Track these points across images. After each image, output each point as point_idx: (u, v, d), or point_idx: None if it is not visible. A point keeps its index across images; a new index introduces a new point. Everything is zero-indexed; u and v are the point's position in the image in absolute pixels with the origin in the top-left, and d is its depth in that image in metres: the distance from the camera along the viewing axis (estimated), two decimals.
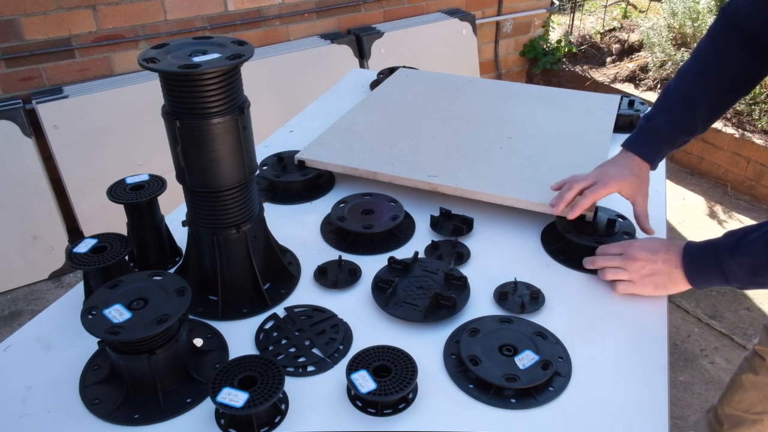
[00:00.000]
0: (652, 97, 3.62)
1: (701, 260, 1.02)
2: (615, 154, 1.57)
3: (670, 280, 1.04)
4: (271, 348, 0.99)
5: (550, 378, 0.91)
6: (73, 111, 2.52)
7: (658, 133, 1.22)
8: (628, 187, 1.18)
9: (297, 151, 1.48)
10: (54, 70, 2.62)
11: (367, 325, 1.04)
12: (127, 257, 1.07)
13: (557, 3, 4.28)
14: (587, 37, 4.38)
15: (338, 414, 0.87)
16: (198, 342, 0.98)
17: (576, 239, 1.18)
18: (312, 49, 3.07)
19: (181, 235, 1.18)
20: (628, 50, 4.19)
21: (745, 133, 3.20)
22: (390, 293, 1.06)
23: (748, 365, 1.43)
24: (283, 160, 1.47)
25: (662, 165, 1.52)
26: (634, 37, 4.25)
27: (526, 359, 0.93)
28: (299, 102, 2.30)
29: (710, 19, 3.62)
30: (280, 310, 1.07)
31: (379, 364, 0.89)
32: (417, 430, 0.85)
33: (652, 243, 1.09)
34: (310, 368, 0.95)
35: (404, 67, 2.02)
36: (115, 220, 1.78)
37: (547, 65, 4.16)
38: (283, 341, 1.00)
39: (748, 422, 1.47)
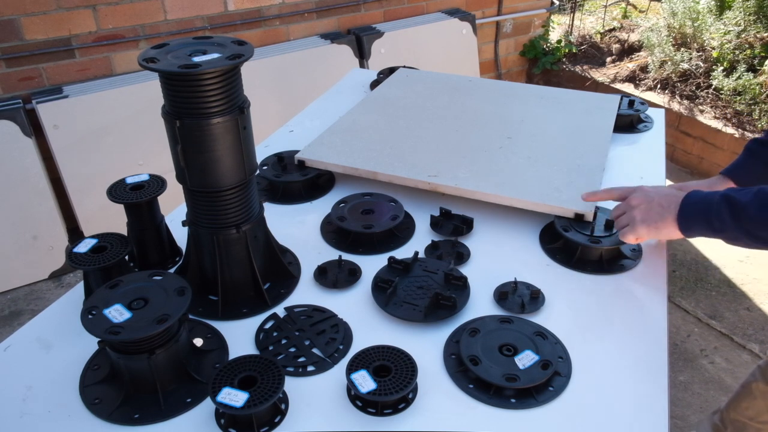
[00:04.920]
0: (652, 97, 3.62)
1: (695, 205, 1.00)
2: (614, 154, 1.57)
3: (661, 219, 1.03)
4: (271, 348, 0.99)
5: (550, 378, 0.91)
6: (73, 111, 2.52)
7: (750, 153, 1.21)
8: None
9: (297, 151, 1.48)
10: (54, 70, 2.62)
11: (367, 325, 1.04)
12: (127, 257, 1.07)
13: (557, 3, 4.28)
14: (587, 37, 4.38)
15: (338, 414, 0.87)
16: (198, 342, 0.98)
17: (574, 238, 1.18)
18: (312, 49, 3.07)
19: (181, 235, 1.18)
20: (628, 50, 4.19)
21: (745, 133, 3.20)
22: (390, 293, 1.06)
23: (760, 374, 1.43)
24: (283, 160, 1.47)
25: (662, 165, 1.53)
26: (634, 37, 4.25)
27: (526, 359, 0.93)
28: (299, 102, 2.30)
29: (710, 19, 3.62)
30: (280, 310, 1.07)
31: (379, 364, 0.90)
32: (417, 430, 0.85)
33: (653, 188, 1.09)
34: (310, 368, 0.95)
35: (404, 67, 2.02)
36: (115, 220, 1.78)
37: (547, 65, 4.15)
38: (283, 341, 1.00)
39: (752, 430, 1.48)
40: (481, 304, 1.08)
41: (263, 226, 1.09)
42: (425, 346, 0.99)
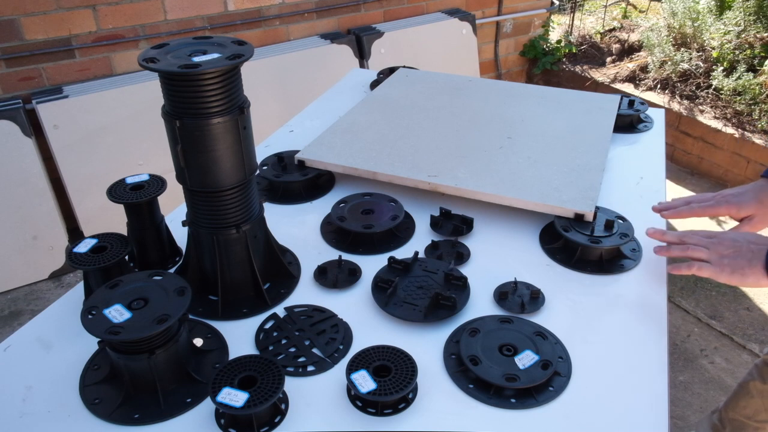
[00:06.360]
0: (652, 97, 3.62)
1: None
2: (614, 154, 1.57)
3: (750, 265, 0.97)
4: (271, 348, 0.99)
5: (550, 378, 0.91)
6: (73, 111, 2.52)
7: None
8: (743, 210, 1.14)
9: (297, 151, 1.48)
10: (54, 70, 2.62)
11: (367, 325, 1.04)
12: (127, 257, 1.07)
13: (557, 3, 4.28)
14: (587, 37, 4.38)
15: (338, 414, 0.87)
16: (198, 342, 0.98)
17: (574, 238, 1.18)
18: (312, 49, 3.07)
19: (181, 235, 1.18)
20: (628, 50, 4.19)
21: (745, 133, 3.20)
22: (390, 293, 1.06)
23: (757, 373, 1.43)
24: (283, 160, 1.47)
25: (662, 165, 1.53)
26: (634, 37, 4.25)
27: (526, 359, 0.93)
28: (299, 102, 2.30)
29: (710, 19, 3.62)
30: (280, 310, 1.07)
31: (379, 364, 0.90)
32: (417, 430, 0.85)
33: (744, 232, 1.06)
34: (310, 368, 0.95)
35: (404, 67, 2.02)
36: (115, 220, 1.78)
37: (547, 65, 4.15)
38: (283, 341, 1.00)
39: (751, 429, 1.48)
40: (481, 304, 1.08)
41: (263, 226, 1.09)
42: (425, 346, 0.99)
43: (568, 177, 1.34)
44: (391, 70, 2.00)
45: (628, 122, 1.70)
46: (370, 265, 1.16)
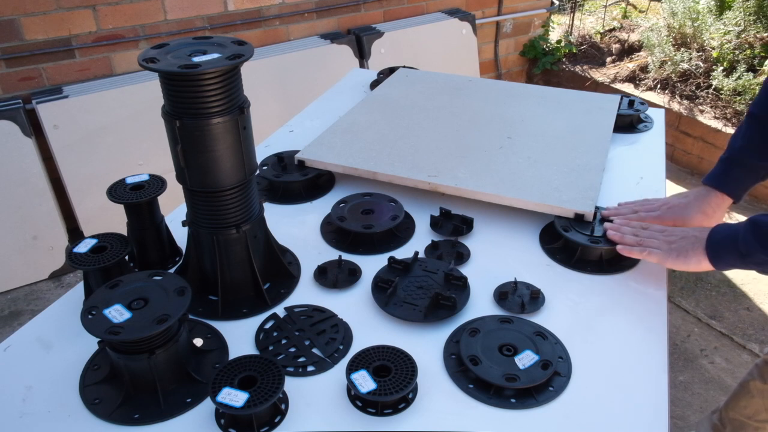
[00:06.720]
0: (652, 97, 3.62)
1: (723, 233, 1.03)
2: (614, 154, 1.57)
3: (692, 248, 1.04)
4: (271, 348, 0.99)
5: (550, 378, 0.91)
6: (73, 111, 2.52)
7: (733, 162, 1.21)
8: (689, 223, 1.19)
9: (297, 151, 1.48)
10: (54, 70, 2.62)
11: (367, 325, 1.04)
12: (127, 257, 1.07)
13: (557, 3, 4.28)
14: (587, 37, 4.38)
15: (338, 414, 0.88)
16: (198, 342, 0.98)
17: (574, 238, 1.18)
18: (312, 49, 3.07)
19: (181, 235, 1.18)
20: (628, 50, 4.19)
21: None
22: (390, 293, 1.06)
23: (758, 372, 1.44)
24: (283, 160, 1.47)
25: (662, 165, 1.53)
26: (634, 37, 4.25)
27: (526, 359, 0.93)
28: (299, 102, 2.30)
29: (710, 19, 3.62)
30: (280, 310, 1.07)
31: (379, 364, 0.90)
32: (417, 430, 0.85)
33: (693, 227, 1.13)
34: (310, 368, 0.95)
35: (404, 67, 2.02)
36: (115, 220, 1.78)
37: (547, 65, 4.15)
38: (283, 341, 1.00)
39: (751, 429, 1.48)
40: (481, 304, 1.08)
41: (263, 226, 1.09)
42: (425, 346, 0.99)
43: (568, 177, 1.34)
44: (391, 70, 2.00)
45: (628, 122, 1.70)
46: (370, 265, 1.16)
